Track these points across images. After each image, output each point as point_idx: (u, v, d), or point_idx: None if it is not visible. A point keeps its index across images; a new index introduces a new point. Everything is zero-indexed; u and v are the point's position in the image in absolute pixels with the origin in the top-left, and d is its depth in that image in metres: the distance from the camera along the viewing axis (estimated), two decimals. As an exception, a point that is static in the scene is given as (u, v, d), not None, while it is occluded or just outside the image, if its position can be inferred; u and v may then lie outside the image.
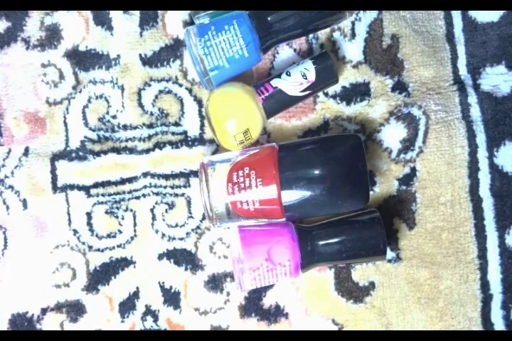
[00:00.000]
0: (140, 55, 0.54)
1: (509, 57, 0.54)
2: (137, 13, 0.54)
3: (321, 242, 0.49)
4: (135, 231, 0.54)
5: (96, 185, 0.54)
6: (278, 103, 0.50)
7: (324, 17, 0.50)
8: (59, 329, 0.54)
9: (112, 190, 0.54)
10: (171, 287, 0.54)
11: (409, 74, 0.54)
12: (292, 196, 0.47)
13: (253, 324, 0.54)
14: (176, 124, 0.54)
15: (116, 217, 0.54)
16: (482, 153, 0.53)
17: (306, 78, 0.50)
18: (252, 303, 0.54)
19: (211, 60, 0.49)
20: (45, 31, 0.55)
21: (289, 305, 0.54)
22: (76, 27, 0.55)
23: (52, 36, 0.55)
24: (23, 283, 0.54)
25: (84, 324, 0.54)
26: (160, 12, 0.54)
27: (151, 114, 0.54)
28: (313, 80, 0.50)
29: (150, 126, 0.54)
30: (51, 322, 0.54)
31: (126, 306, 0.54)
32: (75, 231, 0.54)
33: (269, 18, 0.49)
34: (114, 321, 0.54)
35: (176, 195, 0.54)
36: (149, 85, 0.54)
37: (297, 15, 0.49)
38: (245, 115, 0.49)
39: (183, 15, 0.54)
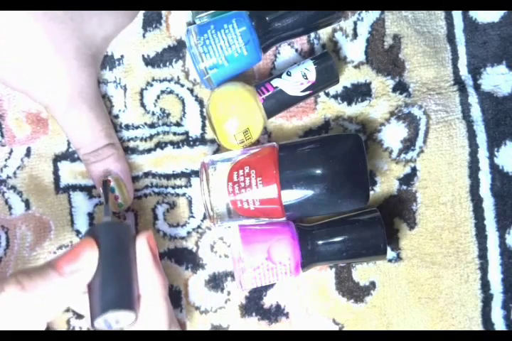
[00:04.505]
0: (143, 55, 0.54)
1: (510, 57, 0.54)
2: (141, 14, 0.54)
3: (322, 241, 0.49)
4: (137, 231, 0.54)
5: (98, 185, 0.54)
6: (278, 103, 0.50)
7: (323, 16, 0.50)
8: (66, 326, 0.54)
9: (114, 190, 0.54)
10: (171, 286, 0.54)
11: (410, 75, 0.54)
12: (292, 195, 0.48)
13: (254, 323, 0.54)
14: (178, 124, 0.54)
15: (118, 217, 0.54)
16: (483, 153, 0.53)
17: (306, 78, 0.50)
18: (253, 303, 0.54)
19: (210, 58, 0.49)
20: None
21: (289, 305, 0.54)
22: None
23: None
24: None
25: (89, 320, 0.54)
26: (164, 14, 0.54)
27: (153, 113, 0.54)
28: (314, 80, 0.50)
29: (152, 125, 0.54)
30: (59, 319, 0.54)
31: (128, 305, 0.54)
32: (78, 232, 0.54)
33: (267, 17, 0.49)
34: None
35: (178, 194, 0.54)
36: (151, 85, 0.54)
37: (296, 14, 0.49)
38: (246, 114, 0.49)
39: (187, 16, 0.54)
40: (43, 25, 0.47)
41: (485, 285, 0.53)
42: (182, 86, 0.54)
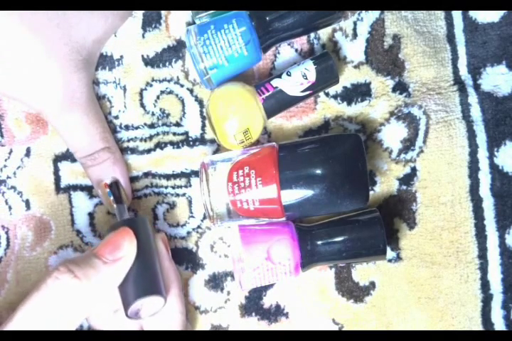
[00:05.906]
0: (142, 55, 0.54)
1: (509, 57, 0.54)
2: (140, 14, 0.54)
3: (321, 241, 0.49)
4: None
5: (98, 185, 0.54)
6: (278, 103, 0.50)
7: (323, 16, 0.50)
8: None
9: (114, 190, 0.54)
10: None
11: (409, 75, 0.54)
12: (292, 195, 0.48)
13: (253, 323, 0.54)
14: (177, 124, 0.54)
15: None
16: (482, 153, 0.53)
17: (306, 78, 0.50)
18: (253, 302, 0.54)
19: (210, 58, 0.49)
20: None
21: (289, 305, 0.54)
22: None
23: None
24: (27, 284, 0.54)
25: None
26: (163, 13, 0.54)
27: (153, 114, 0.54)
28: (314, 80, 0.50)
29: (151, 126, 0.54)
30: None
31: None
32: (78, 232, 0.54)
33: (267, 17, 0.49)
34: (115, 320, 0.54)
35: (177, 194, 0.54)
36: (151, 85, 0.54)
37: (296, 14, 0.49)
38: (245, 115, 0.49)
39: (187, 16, 0.54)
40: (31, 28, 0.47)
41: (485, 285, 0.53)
42: (182, 86, 0.54)
